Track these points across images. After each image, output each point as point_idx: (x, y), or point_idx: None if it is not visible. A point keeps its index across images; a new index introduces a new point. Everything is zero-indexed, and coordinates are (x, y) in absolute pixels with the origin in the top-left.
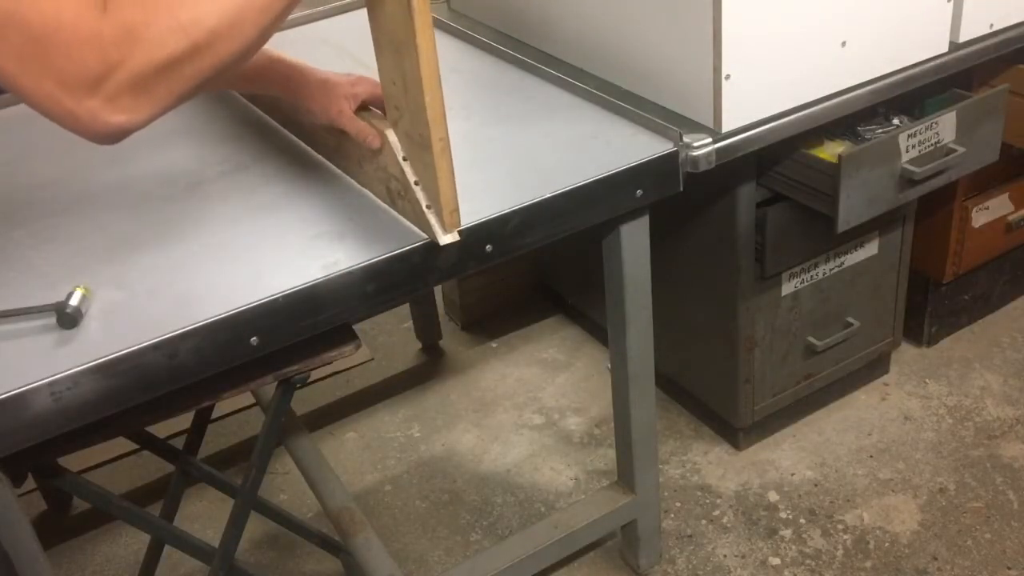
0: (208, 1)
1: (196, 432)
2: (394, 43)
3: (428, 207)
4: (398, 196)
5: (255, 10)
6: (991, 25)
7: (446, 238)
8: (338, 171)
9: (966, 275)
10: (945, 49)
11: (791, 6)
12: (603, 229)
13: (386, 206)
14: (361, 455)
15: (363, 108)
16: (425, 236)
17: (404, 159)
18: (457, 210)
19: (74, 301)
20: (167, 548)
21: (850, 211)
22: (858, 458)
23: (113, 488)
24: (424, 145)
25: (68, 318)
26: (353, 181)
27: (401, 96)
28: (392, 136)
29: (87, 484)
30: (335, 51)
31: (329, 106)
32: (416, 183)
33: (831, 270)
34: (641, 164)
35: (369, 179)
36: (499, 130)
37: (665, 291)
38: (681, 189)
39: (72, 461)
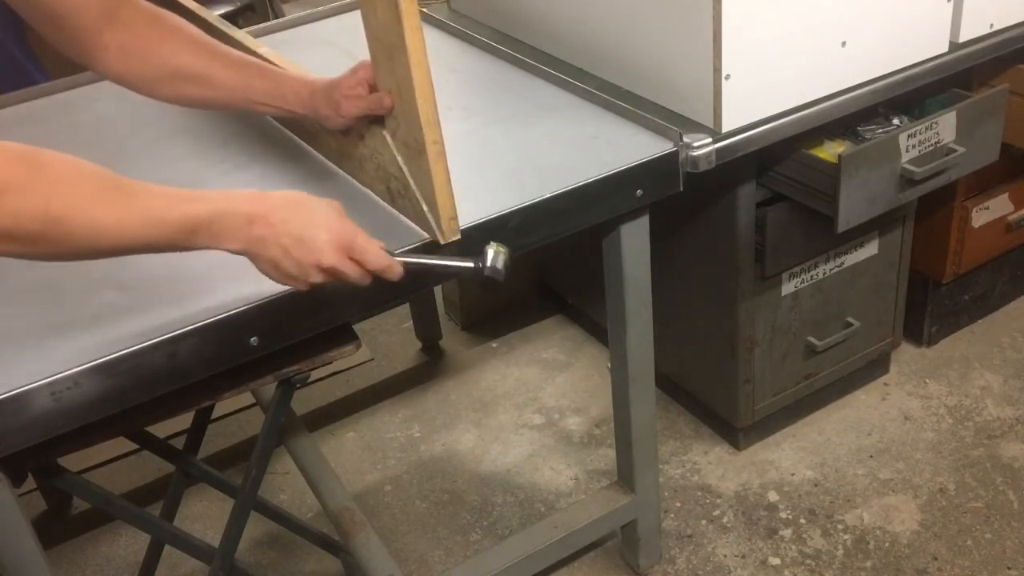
0: (85, 206)
1: (196, 432)
2: (387, 50)
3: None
4: (398, 195)
5: (114, 241)
6: (991, 25)
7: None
8: (339, 171)
9: (966, 275)
10: (945, 49)
11: (791, 6)
12: (603, 229)
13: (387, 205)
14: (361, 455)
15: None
16: (426, 235)
17: (403, 163)
18: (455, 217)
19: (490, 261)
20: (167, 548)
21: (850, 211)
22: (858, 458)
23: (113, 488)
24: (419, 149)
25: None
26: (354, 181)
27: (397, 103)
28: (390, 139)
29: (87, 484)
30: (335, 51)
31: (341, 103)
32: (415, 188)
33: (831, 270)
34: (641, 164)
35: (370, 178)
36: (499, 130)
37: (665, 291)
38: (681, 189)
39: (72, 461)
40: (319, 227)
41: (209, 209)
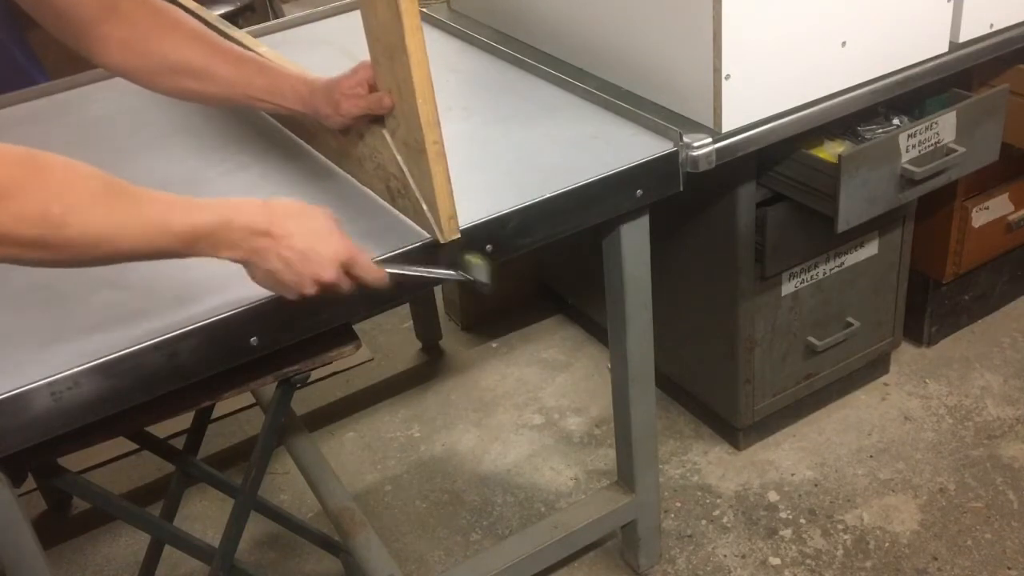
0: (85, 211)
1: (196, 432)
2: (388, 50)
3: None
4: (398, 194)
5: (114, 247)
6: (991, 25)
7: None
8: (339, 170)
9: (966, 275)
10: (945, 49)
11: (791, 6)
12: (603, 229)
13: (388, 205)
14: (361, 455)
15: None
16: (426, 235)
17: (403, 162)
18: (455, 216)
19: (475, 274)
20: (167, 548)
21: (850, 211)
22: (858, 458)
23: (113, 488)
24: (419, 149)
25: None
26: (354, 180)
27: (397, 103)
28: (390, 138)
29: (87, 484)
30: (335, 51)
31: (341, 102)
32: (415, 187)
33: (831, 270)
34: (641, 164)
35: (369, 178)
36: (499, 130)
37: (665, 291)
38: (681, 189)
39: (72, 461)
40: (322, 243)
41: (212, 219)
